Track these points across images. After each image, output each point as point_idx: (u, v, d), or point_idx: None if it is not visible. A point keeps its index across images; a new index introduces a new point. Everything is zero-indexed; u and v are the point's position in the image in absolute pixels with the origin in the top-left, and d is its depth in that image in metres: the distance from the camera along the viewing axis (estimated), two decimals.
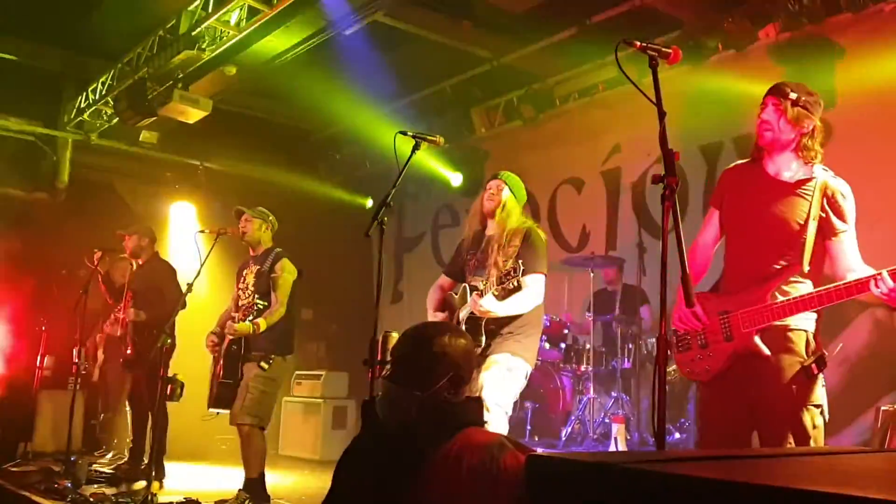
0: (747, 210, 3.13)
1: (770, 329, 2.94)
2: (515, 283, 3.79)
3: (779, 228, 3.00)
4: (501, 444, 2.11)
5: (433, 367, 2.29)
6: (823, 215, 2.98)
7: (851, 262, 2.97)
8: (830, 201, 2.99)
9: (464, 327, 4.09)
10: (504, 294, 3.90)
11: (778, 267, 2.99)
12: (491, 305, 3.92)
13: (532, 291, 4.01)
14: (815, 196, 2.98)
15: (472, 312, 4.04)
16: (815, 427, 2.94)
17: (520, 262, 3.79)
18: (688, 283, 2.16)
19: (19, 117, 8.80)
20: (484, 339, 4.03)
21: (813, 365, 2.90)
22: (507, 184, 4.29)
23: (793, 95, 2.97)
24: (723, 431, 3.05)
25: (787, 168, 3.06)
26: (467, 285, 4.22)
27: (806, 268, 2.95)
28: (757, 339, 2.93)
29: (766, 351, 2.92)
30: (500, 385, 3.97)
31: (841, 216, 2.99)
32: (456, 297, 4.35)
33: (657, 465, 0.88)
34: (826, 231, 3.00)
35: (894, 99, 5.77)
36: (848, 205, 3.01)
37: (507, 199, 4.26)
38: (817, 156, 3.04)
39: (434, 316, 4.37)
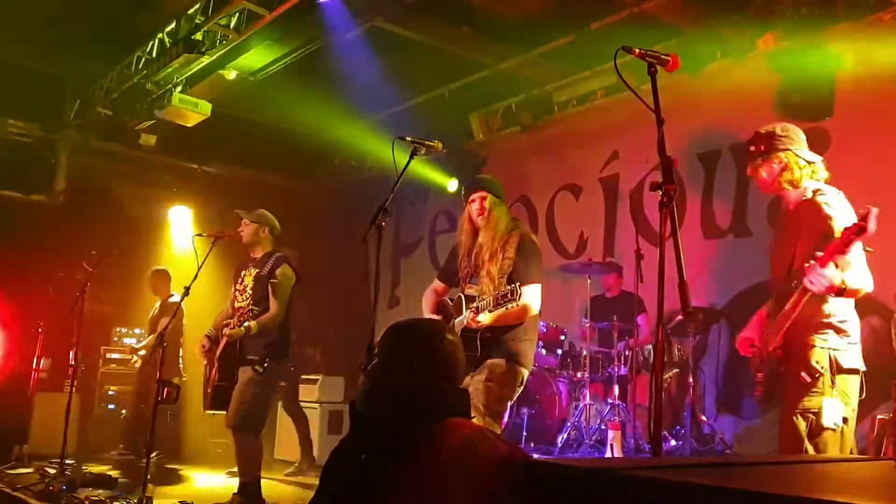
0: None
1: (785, 343, 3.19)
2: (513, 306, 3.78)
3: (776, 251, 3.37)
4: (482, 434, 2.12)
5: (431, 363, 2.28)
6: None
7: None
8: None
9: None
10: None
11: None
12: (487, 319, 3.92)
13: (528, 303, 4.00)
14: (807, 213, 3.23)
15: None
16: (804, 432, 3.02)
17: (517, 284, 3.76)
18: (685, 290, 2.16)
19: (18, 119, 8.81)
20: (479, 348, 4.01)
21: (803, 374, 3.09)
22: (488, 191, 4.26)
23: (751, 148, 3.31)
24: None
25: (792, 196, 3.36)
26: (463, 296, 4.20)
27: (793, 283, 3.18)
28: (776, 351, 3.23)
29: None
30: (494, 390, 3.96)
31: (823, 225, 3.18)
32: (451, 303, 4.34)
33: (656, 472, 0.88)
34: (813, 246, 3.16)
35: (892, 107, 5.79)
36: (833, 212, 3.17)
37: (492, 205, 4.23)
38: (802, 179, 3.29)
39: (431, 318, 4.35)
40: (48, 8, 7.20)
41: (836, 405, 3.02)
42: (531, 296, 4.03)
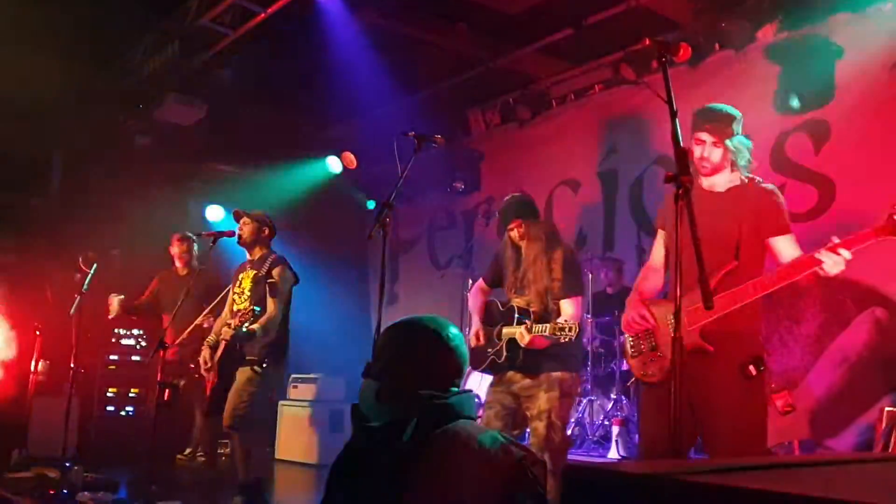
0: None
1: (713, 329, 2.96)
2: (566, 339, 3.86)
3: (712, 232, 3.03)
4: (494, 437, 2.08)
5: (438, 362, 2.20)
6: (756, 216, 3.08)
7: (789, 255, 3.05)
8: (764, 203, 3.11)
9: (505, 346, 4.21)
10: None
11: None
12: (541, 343, 4.03)
13: (575, 315, 4.14)
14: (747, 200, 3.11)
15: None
16: (758, 427, 2.94)
17: (575, 324, 3.87)
18: (706, 286, 2.11)
19: (12, 120, 8.72)
20: (521, 354, 4.11)
21: (750, 366, 2.93)
22: (522, 219, 4.32)
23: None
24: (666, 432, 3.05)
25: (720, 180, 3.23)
26: (514, 307, 4.24)
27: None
28: (699, 336, 2.97)
29: (709, 347, 2.96)
30: (567, 403, 4.17)
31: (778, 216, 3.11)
32: (500, 308, 4.40)
33: (704, 477, 0.84)
34: (763, 230, 3.08)
35: (892, 98, 5.77)
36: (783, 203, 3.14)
37: (528, 227, 4.30)
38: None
39: (478, 324, 4.44)
40: (42, 8, 7.14)
41: None
42: (577, 308, 4.19)
